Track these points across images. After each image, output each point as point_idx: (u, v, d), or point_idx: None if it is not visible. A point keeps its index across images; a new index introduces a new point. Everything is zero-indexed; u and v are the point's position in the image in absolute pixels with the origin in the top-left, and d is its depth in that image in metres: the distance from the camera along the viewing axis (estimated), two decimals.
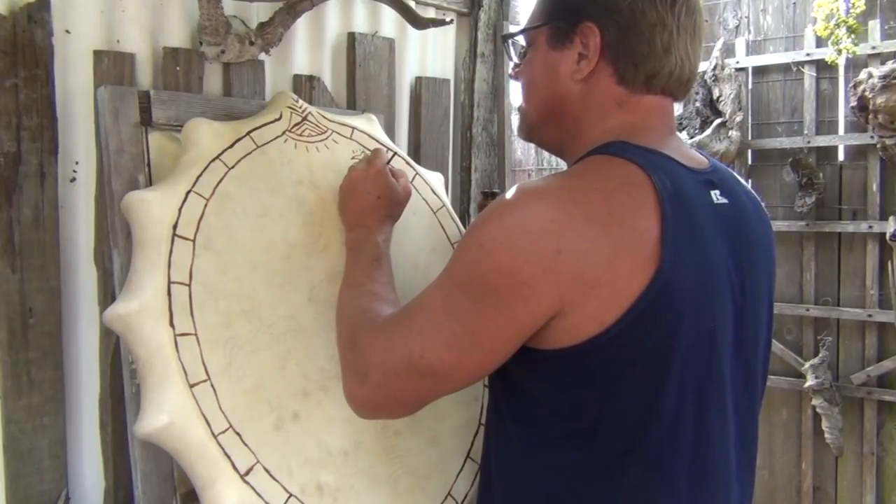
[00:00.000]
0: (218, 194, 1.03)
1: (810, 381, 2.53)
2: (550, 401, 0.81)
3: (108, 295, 1.17)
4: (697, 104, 2.69)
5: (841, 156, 2.60)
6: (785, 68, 2.65)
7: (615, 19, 0.85)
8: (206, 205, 1.01)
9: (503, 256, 0.74)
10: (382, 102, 1.66)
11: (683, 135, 2.66)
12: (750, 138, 2.72)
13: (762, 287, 0.90)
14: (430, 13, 1.84)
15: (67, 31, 1.16)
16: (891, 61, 2.30)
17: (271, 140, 1.14)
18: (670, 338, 0.76)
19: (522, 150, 4.05)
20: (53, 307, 1.13)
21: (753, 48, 2.73)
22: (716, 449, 0.83)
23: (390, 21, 1.72)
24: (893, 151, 2.34)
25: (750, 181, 2.70)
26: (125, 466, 1.12)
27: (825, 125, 2.59)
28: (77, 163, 1.18)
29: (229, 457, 0.91)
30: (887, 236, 2.36)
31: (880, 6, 2.45)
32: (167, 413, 0.89)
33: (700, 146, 2.52)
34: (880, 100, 2.26)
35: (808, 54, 2.58)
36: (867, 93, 2.30)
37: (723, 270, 0.82)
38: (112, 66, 1.18)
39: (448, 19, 1.74)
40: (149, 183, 1.07)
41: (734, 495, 0.87)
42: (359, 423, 1.05)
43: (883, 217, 2.46)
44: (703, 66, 2.62)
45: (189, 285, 0.96)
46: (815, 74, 2.58)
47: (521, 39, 0.99)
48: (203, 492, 0.90)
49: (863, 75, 2.34)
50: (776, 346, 2.56)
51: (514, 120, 2.41)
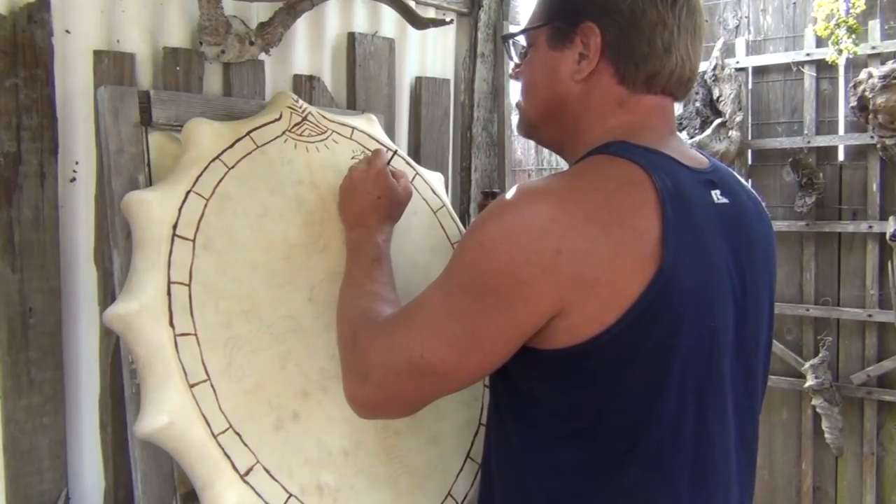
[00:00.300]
0: (218, 194, 1.03)
1: (810, 381, 2.53)
2: (551, 401, 0.81)
3: (108, 295, 1.17)
4: (697, 104, 2.69)
5: (841, 156, 2.60)
6: (785, 68, 2.65)
7: (615, 19, 0.85)
8: (206, 205, 1.01)
9: (503, 256, 0.74)
10: (382, 102, 1.66)
11: (683, 135, 2.66)
12: (750, 138, 2.72)
13: (763, 287, 0.90)
14: (430, 13, 1.84)
15: (67, 31, 1.16)
16: (891, 61, 2.30)
17: (271, 140, 1.14)
18: (671, 338, 0.76)
19: (522, 150, 4.05)
20: (53, 307, 1.13)
21: (753, 48, 2.73)
22: (716, 449, 0.83)
23: (390, 21, 1.72)
24: (893, 151, 2.34)
25: (750, 181, 2.70)
26: (125, 466, 1.12)
27: (825, 125, 2.59)
28: (77, 163, 1.18)
29: (229, 457, 0.91)
30: (887, 236, 2.36)
31: (880, 6, 2.45)
32: (167, 413, 0.89)
33: (700, 146, 2.52)
34: (880, 100, 2.26)
35: (808, 54, 2.58)
36: (867, 93, 2.30)
37: (723, 270, 0.82)
38: (112, 66, 1.18)
39: (448, 19, 1.73)
40: (149, 183, 1.07)
41: (735, 495, 0.87)
42: (359, 423, 1.05)
43: (883, 217, 2.46)
44: (703, 66, 2.62)
45: (189, 285, 0.96)
46: (815, 74, 2.58)
47: (522, 39, 0.99)
48: (203, 492, 0.90)
49: (863, 75, 2.34)
50: (776, 346, 2.56)
51: (515, 119, 2.41)
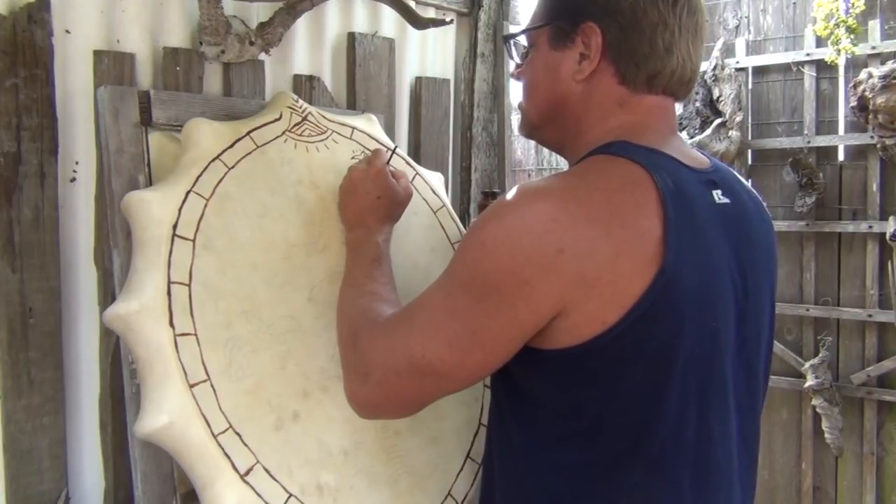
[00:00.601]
0: (218, 194, 1.03)
1: (810, 381, 2.53)
2: (552, 401, 0.81)
3: (108, 295, 1.17)
4: (697, 104, 2.68)
5: (841, 156, 2.60)
6: (785, 68, 2.65)
7: (616, 19, 0.85)
8: (206, 205, 1.01)
9: (505, 256, 0.74)
10: (382, 102, 1.66)
11: (683, 135, 2.66)
12: (750, 138, 2.72)
13: (764, 287, 0.90)
14: (430, 13, 1.84)
15: (67, 31, 1.15)
16: (891, 61, 2.30)
17: (271, 140, 1.14)
18: (672, 337, 0.76)
19: (522, 150, 4.05)
20: (53, 307, 1.13)
21: (753, 48, 2.73)
22: (718, 449, 0.83)
23: (390, 21, 1.72)
24: (893, 151, 2.34)
25: (750, 181, 2.70)
26: (125, 466, 1.12)
27: (825, 125, 2.59)
28: (77, 163, 1.17)
29: (229, 457, 0.91)
30: (887, 236, 2.36)
31: (880, 6, 2.45)
32: (167, 413, 0.89)
33: (700, 146, 2.52)
34: (880, 100, 2.26)
35: (808, 54, 2.58)
36: (867, 93, 2.30)
37: (725, 270, 0.82)
38: (112, 66, 1.18)
39: (448, 19, 1.73)
40: (149, 183, 1.07)
41: (736, 495, 0.87)
42: (359, 423, 1.05)
43: (883, 217, 2.46)
44: (703, 66, 2.61)
45: (189, 285, 0.96)
46: (815, 74, 2.58)
47: (523, 39, 0.99)
48: (203, 492, 0.90)
49: (863, 75, 2.34)
50: (776, 346, 2.55)
51: (515, 119, 2.41)
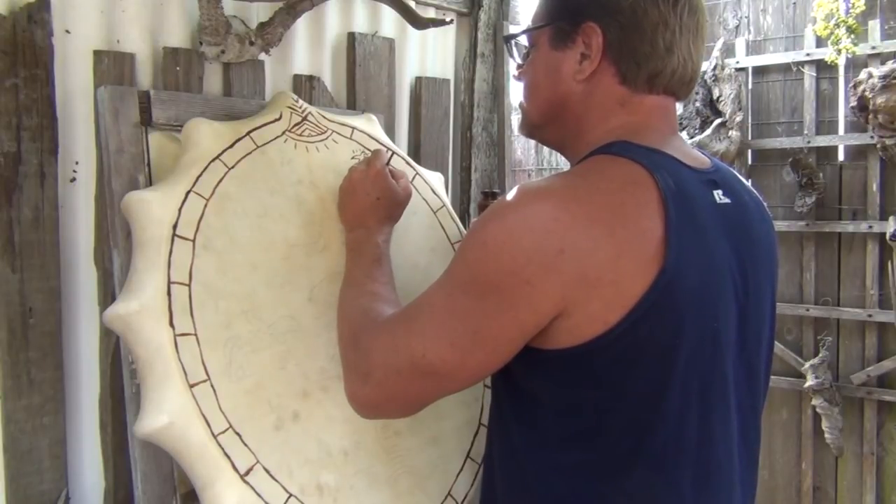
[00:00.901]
0: (218, 194, 1.03)
1: (810, 381, 2.53)
2: (553, 401, 0.81)
3: (108, 295, 1.17)
4: (697, 104, 2.68)
5: (841, 156, 2.60)
6: (785, 68, 2.65)
7: (617, 19, 0.85)
8: (206, 205, 1.01)
9: (506, 256, 0.74)
10: (382, 102, 1.66)
11: (683, 135, 2.66)
12: (750, 138, 2.72)
13: (765, 286, 0.90)
14: (430, 13, 1.84)
15: (67, 31, 1.15)
16: (891, 61, 2.30)
17: (271, 140, 1.14)
18: (674, 337, 0.76)
19: (522, 150, 4.05)
20: (53, 307, 1.13)
21: (753, 48, 2.73)
22: (719, 449, 0.83)
23: (390, 21, 1.72)
24: (893, 151, 2.34)
25: (750, 181, 2.70)
26: (125, 466, 1.12)
27: (825, 125, 2.59)
28: (77, 163, 1.17)
29: (229, 457, 0.91)
30: (887, 236, 2.36)
31: (880, 6, 2.45)
32: (167, 413, 0.89)
33: (700, 146, 2.52)
34: (880, 100, 2.26)
35: (808, 54, 2.58)
36: (867, 93, 2.30)
37: (726, 270, 0.82)
38: (112, 66, 1.18)
39: (448, 19, 1.73)
40: (149, 183, 1.06)
41: (737, 495, 0.87)
42: (359, 423, 1.05)
43: (883, 217, 2.46)
44: (703, 66, 2.61)
45: (189, 285, 0.96)
46: (815, 74, 2.58)
47: (524, 40, 0.99)
48: (203, 492, 0.90)
49: (863, 75, 2.34)
50: (776, 346, 2.55)
51: (515, 119, 2.40)
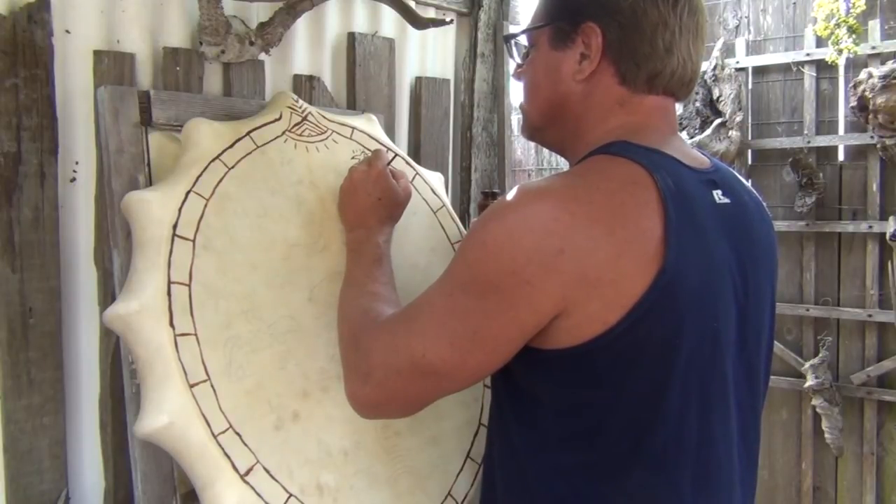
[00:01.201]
0: (218, 194, 1.03)
1: (810, 381, 2.53)
2: (553, 401, 0.81)
3: (108, 295, 1.17)
4: (697, 104, 2.68)
5: (841, 156, 2.60)
6: (785, 68, 2.65)
7: (617, 19, 0.85)
8: (206, 205, 1.01)
9: (506, 256, 0.74)
10: (382, 102, 1.66)
11: (683, 135, 2.66)
12: (750, 138, 2.72)
13: (764, 286, 0.90)
14: (430, 13, 1.84)
15: (67, 31, 1.15)
16: (891, 61, 2.30)
17: (271, 140, 1.14)
18: (674, 337, 0.76)
19: (522, 150, 4.05)
20: (53, 307, 1.13)
21: (753, 48, 2.73)
22: (719, 449, 0.83)
23: (390, 21, 1.72)
24: (893, 151, 2.34)
25: (750, 181, 2.70)
26: (125, 466, 1.12)
27: (825, 125, 2.59)
28: (77, 163, 1.17)
29: (229, 457, 0.91)
30: (887, 236, 2.36)
31: (880, 6, 2.45)
32: (167, 413, 0.89)
33: (700, 146, 2.52)
34: (880, 100, 2.26)
35: (808, 54, 2.58)
36: (867, 93, 2.30)
37: (725, 270, 0.82)
38: (112, 66, 1.18)
39: (448, 19, 1.73)
40: (149, 183, 1.06)
41: (737, 495, 0.87)
42: (359, 423, 1.05)
43: (883, 217, 2.46)
44: (703, 66, 2.61)
45: (189, 285, 0.96)
46: (815, 74, 2.58)
47: (524, 40, 0.99)
48: (203, 492, 0.90)
49: (863, 75, 2.34)
50: (776, 346, 2.55)
51: (515, 120, 2.41)
